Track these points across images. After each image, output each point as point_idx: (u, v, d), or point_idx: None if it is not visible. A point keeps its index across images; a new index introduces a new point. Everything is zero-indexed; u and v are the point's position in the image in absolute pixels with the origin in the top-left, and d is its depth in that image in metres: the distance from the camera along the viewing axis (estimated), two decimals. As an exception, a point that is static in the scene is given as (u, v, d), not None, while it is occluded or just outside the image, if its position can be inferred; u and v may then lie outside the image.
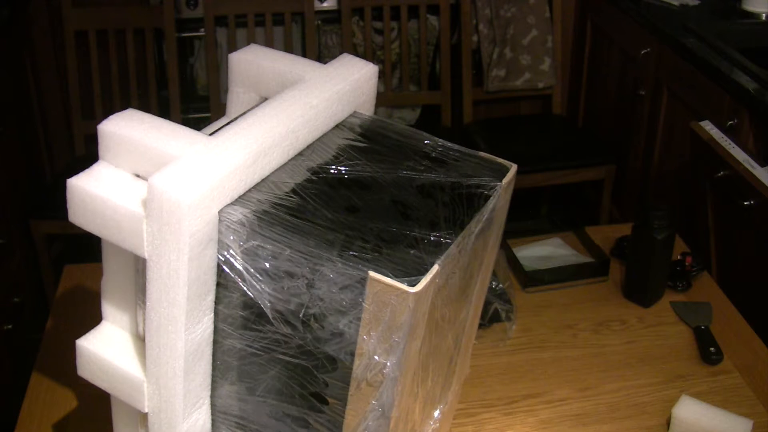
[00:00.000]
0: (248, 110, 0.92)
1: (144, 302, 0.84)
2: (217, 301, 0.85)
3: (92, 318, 0.98)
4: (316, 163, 0.91)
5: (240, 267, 0.81)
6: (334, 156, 0.92)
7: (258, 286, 0.81)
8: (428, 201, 0.88)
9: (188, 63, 2.99)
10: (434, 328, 0.87)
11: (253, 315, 0.84)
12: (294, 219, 0.81)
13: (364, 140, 0.96)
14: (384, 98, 2.91)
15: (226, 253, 0.82)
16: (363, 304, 0.76)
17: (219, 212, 0.80)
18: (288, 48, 2.79)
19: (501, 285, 1.43)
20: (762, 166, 1.80)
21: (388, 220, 0.84)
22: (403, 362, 0.79)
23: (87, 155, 2.71)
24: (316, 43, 2.87)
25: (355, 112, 1.01)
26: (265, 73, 0.99)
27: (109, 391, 0.94)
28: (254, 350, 0.86)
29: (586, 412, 1.27)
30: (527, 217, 1.69)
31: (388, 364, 0.78)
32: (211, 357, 0.89)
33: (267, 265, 0.80)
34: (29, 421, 1.23)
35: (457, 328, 1.00)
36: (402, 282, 0.74)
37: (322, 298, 0.78)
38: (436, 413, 1.04)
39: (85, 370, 0.95)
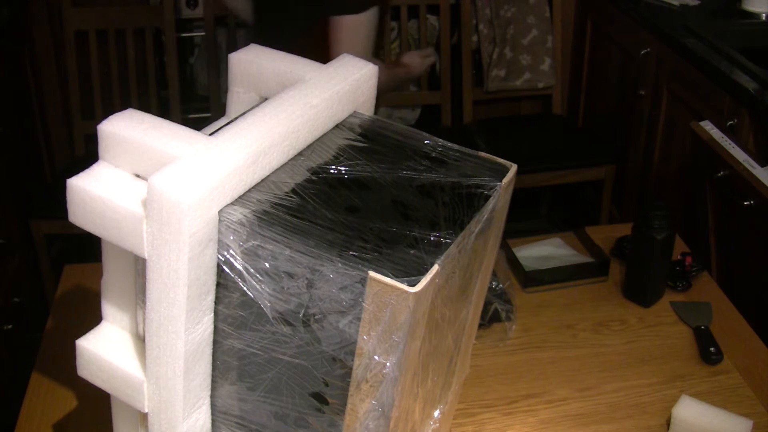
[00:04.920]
0: (248, 110, 0.92)
1: (144, 302, 0.84)
2: (217, 301, 0.85)
3: (92, 318, 0.98)
4: (316, 163, 0.91)
5: (240, 267, 0.81)
6: (334, 156, 0.92)
7: (258, 286, 0.81)
8: (428, 201, 0.88)
9: (188, 63, 2.99)
10: (434, 328, 0.87)
11: (253, 315, 0.84)
12: (294, 219, 0.81)
13: (364, 140, 0.96)
14: (384, 98, 2.90)
15: (226, 253, 0.82)
16: (363, 304, 0.76)
17: (219, 212, 0.80)
18: (288, 48, 2.78)
19: (501, 285, 1.43)
20: (762, 166, 1.80)
21: (388, 220, 0.84)
22: (403, 362, 0.79)
23: (87, 155, 2.71)
24: (316, 43, 2.87)
25: (355, 112, 1.01)
26: (265, 73, 0.99)
27: (109, 391, 0.94)
28: (254, 350, 0.86)
29: (586, 412, 1.27)
30: (527, 217, 1.68)
31: (388, 364, 0.78)
32: (211, 357, 0.89)
33: (267, 265, 0.80)
34: (29, 421, 1.23)
35: (457, 328, 1.00)
36: (402, 282, 0.74)
37: (322, 298, 0.78)
38: (436, 413, 1.04)
39: (85, 370, 0.95)
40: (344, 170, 0.90)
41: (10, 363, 2.17)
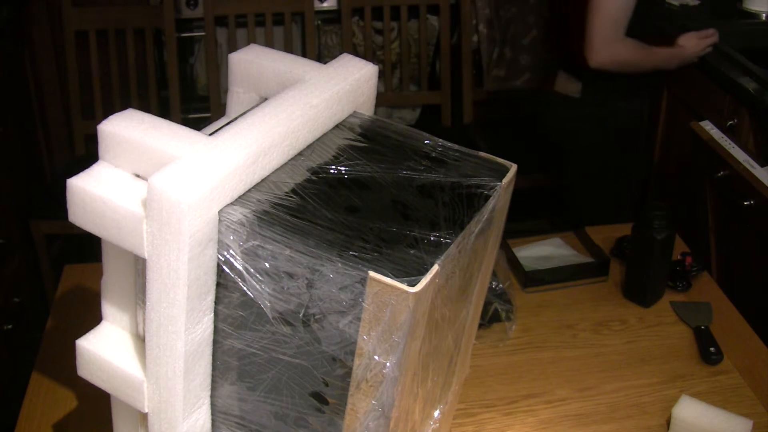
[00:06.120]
0: (248, 110, 0.92)
1: (144, 302, 0.84)
2: (217, 301, 0.85)
3: (92, 318, 0.98)
4: (316, 163, 0.91)
5: (240, 267, 0.81)
6: (334, 156, 0.92)
7: (258, 286, 0.81)
8: (428, 201, 0.88)
9: (188, 63, 2.99)
10: (434, 328, 0.87)
11: (253, 315, 0.84)
12: (294, 219, 0.81)
13: (364, 140, 0.96)
14: (384, 98, 2.90)
15: (226, 253, 0.82)
16: (363, 304, 0.76)
17: (219, 212, 0.80)
18: (288, 48, 2.79)
19: (501, 285, 1.43)
20: (762, 166, 1.80)
21: (388, 220, 0.84)
22: (403, 362, 0.79)
23: (87, 155, 2.71)
24: (316, 43, 2.87)
25: (355, 112, 1.01)
26: (265, 73, 0.99)
27: (109, 391, 0.94)
28: (254, 350, 0.86)
29: (586, 412, 1.27)
30: (527, 217, 1.68)
31: (388, 364, 0.78)
32: (211, 357, 0.89)
33: (267, 265, 0.80)
34: (29, 421, 1.23)
35: (457, 328, 1.00)
36: (402, 282, 0.74)
37: (322, 298, 0.78)
38: (436, 413, 1.04)
39: (85, 370, 0.95)
40: (344, 170, 0.90)
41: (10, 363, 2.17)
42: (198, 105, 2.96)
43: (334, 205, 0.85)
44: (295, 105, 0.90)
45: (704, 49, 2.17)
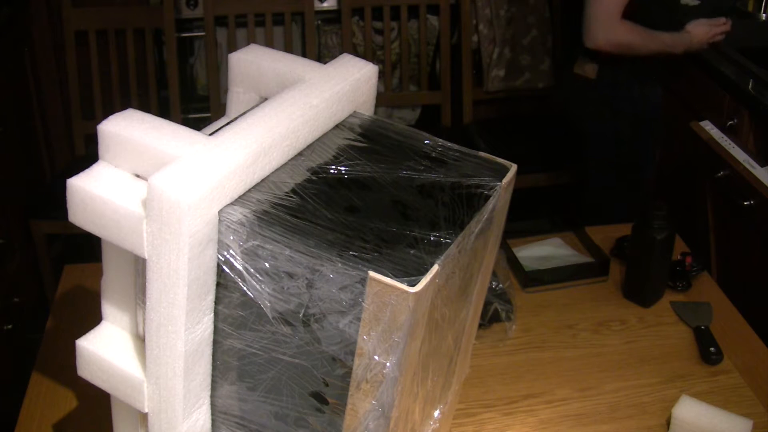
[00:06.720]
0: (248, 110, 0.92)
1: (144, 302, 0.84)
2: (217, 301, 0.85)
3: (92, 318, 0.98)
4: (316, 163, 0.91)
5: (240, 267, 0.81)
6: (334, 156, 0.92)
7: (258, 286, 0.81)
8: (428, 201, 0.88)
9: (188, 63, 2.99)
10: (434, 328, 0.87)
11: (253, 315, 0.84)
12: (294, 219, 0.81)
13: (364, 140, 0.96)
14: (384, 98, 2.90)
15: (226, 253, 0.82)
16: (363, 304, 0.76)
17: (219, 212, 0.80)
18: (288, 48, 2.79)
19: (501, 285, 1.43)
20: (762, 166, 1.81)
21: (388, 220, 0.84)
22: (403, 362, 0.79)
23: (87, 155, 2.71)
24: (316, 43, 2.87)
25: (355, 112, 1.01)
26: (265, 73, 0.99)
27: (109, 391, 0.94)
28: (254, 350, 0.86)
29: (586, 412, 1.27)
30: (527, 217, 1.68)
31: (388, 364, 0.78)
32: (211, 357, 0.89)
33: (267, 265, 0.80)
34: (29, 421, 1.23)
35: (457, 328, 1.00)
36: (402, 282, 0.74)
37: (322, 298, 0.78)
38: (436, 413, 1.04)
39: (85, 370, 0.95)
40: (344, 170, 0.90)
41: (10, 363, 2.17)
42: (198, 105, 2.96)
43: (334, 205, 0.85)
44: (295, 105, 0.90)
45: (714, 36, 2.14)
